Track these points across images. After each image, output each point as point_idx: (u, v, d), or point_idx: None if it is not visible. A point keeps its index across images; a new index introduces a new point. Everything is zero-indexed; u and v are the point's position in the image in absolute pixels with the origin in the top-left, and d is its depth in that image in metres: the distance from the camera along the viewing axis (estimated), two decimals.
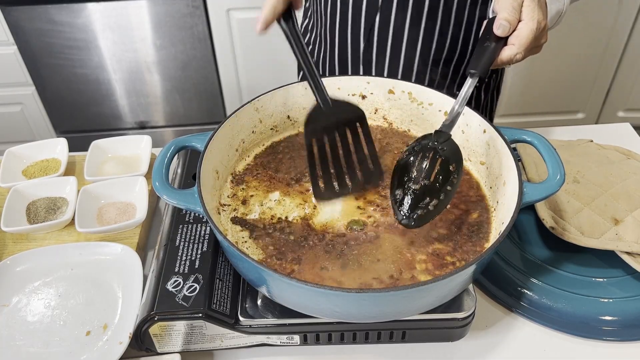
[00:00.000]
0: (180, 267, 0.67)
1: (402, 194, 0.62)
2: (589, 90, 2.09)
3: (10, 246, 0.80)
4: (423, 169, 0.62)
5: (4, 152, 0.92)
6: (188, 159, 0.85)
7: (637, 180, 0.81)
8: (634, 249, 0.71)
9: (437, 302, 0.61)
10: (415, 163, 0.63)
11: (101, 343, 0.66)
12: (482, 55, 0.63)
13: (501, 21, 0.63)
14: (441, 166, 0.62)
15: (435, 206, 0.62)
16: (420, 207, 0.61)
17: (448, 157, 0.63)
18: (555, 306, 0.71)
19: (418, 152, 0.63)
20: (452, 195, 0.62)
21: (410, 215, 0.61)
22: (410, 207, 0.61)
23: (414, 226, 0.61)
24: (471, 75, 0.63)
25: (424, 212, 0.61)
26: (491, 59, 0.63)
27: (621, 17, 1.88)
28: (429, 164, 0.62)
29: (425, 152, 0.63)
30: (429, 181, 0.62)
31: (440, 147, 0.63)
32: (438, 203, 0.62)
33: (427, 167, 0.62)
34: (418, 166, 0.62)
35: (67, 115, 2.06)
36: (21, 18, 1.78)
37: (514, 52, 0.63)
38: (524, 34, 0.63)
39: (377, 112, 0.82)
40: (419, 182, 0.62)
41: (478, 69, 0.63)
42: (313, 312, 0.61)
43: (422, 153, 0.63)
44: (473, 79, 0.63)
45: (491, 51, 0.63)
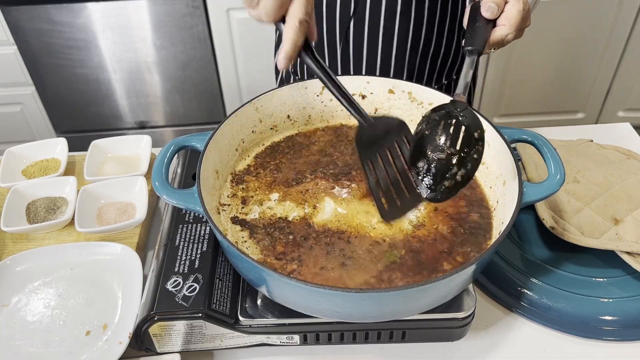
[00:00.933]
0: (180, 267, 0.67)
1: (426, 165, 0.58)
2: (589, 90, 2.09)
3: (10, 246, 0.80)
4: (448, 137, 0.58)
5: (3, 152, 0.92)
6: (188, 159, 0.85)
7: (637, 180, 0.81)
8: (634, 249, 0.71)
9: (437, 302, 0.61)
10: (437, 132, 0.59)
11: (101, 343, 0.66)
12: (476, 34, 0.64)
13: (489, 4, 0.63)
14: (465, 133, 0.59)
15: (462, 176, 0.58)
16: (448, 177, 0.57)
17: (470, 124, 0.59)
18: (555, 306, 0.71)
19: (439, 122, 0.60)
20: (478, 164, 0.58)
21: (437, 187, 0.57)
22: (436, 178, 0.58)
23: (441, 199, 0.58)
24: (470, 52, 0.63)
25: (451, 183, 0.57)
26: (485, 36, 0.64)
27: (621, 17, 1.88)
28: (453, 131, 0.59)
29: (447, 119, 0.60)
30: (455, 149, 0.58)
31: (461, 115, 0.60)
32: (465, 173, 0.58)
33: (452, 135, 0.58)
34: (441, 135, 0.59)
35: (67, 115, 2.06)
36: (21, 18, 1.78)
37: (506, 32, 0.64)
38: (513, 15, 0.64)
39: (377, 112, 0.82)
40: (444, 151, 0.58)
41: (476, 45, 0.63)
42: (313, 312, 0.61)
43: (444, 121, 0.59)
44: (472, 56, 0.63)
45: (483, 30, 0.64)
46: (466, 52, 0.63)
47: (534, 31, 1.90)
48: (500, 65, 2.00)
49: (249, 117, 0.76)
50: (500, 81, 2.05)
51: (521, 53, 1.96)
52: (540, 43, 1.94)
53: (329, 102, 0.81)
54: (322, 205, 0.70)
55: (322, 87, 0.79)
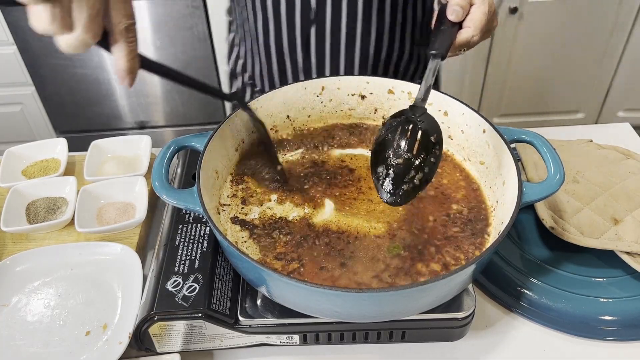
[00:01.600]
0: (179, 267, 0.67)
1: (385, 170, 0.60)
2: (589, 90, 2.09)
3: (9, 246, 0.80)
4: (405, 143, 0.60)
5: (3, 152, 0.92)
6: (188, 159, 0.85)
7: (637, 180, 0.81)
8: (633, 249, 0.71)
9: (436, 302, 0.61)
10: (396, 138, 0.61)
11: (101, 343, 0.66)
12: (441, 37, 0.65)
13: (454, 7, 0.64)
14: (422, 138, 0.60)
15: (420, 180, 0.59)
16: (405, 182, 0.59)
17: (428, 129, 0.61)
18: (554, 306, 0.71)
19: (397, 127, 0.61)
20: (436, 168, 0.60)
21: (396, 192, 0.59)
22: (394, 183, 0.59)
23: (400, 203, 0.59)
24: (434, 56, 0.64)
25: (409, 187, 0.59)
26: (449, 40, 0.65)
27: (621, 17, 1.88)
28: (410, 137, 0.60)
29: (405, 125, 0.61)
30: (412, 154, 0.60)
31: (418, 119, 0.61)
32: (423, 176, 0.59)
33: (409, 140, 0.60)
34: (399, 140, 0.60)
35: (67, 115, 2.06)
36: (21, 18, 1.78)
37: (471, 34, 0.65)
38: (478, 17, 0.65)
39: (377, 112, 0.82)
40: (401, 156, 0.59)
41: (439, 49, 0.64)
42: (313, 312, 0.61)
43: (401, 127, 0.61)
44: (435, 59, 0.64)
45: (448, 33, 0.65)
46: (430, 56, 0.64)
47: (534, 31, 1.90)
48: (500, 65, 2.00)
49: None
50: (500, 81, 2.05)
51: (521, 53, 1.96)
52: (540, 43, 1.94)
53: (328, 103, 0.81)
54: (321, 206, 0.70)
55: (321, 87, 0.79)
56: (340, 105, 0.82)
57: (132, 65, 0.52)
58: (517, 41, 1.93)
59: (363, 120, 0.83)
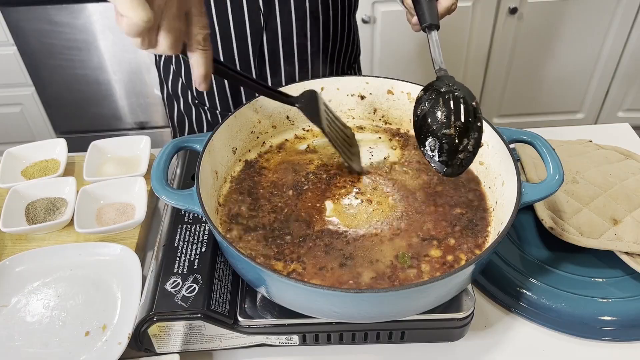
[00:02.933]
0: (179, 267, 0.67)
1: (437, 143, 0.60)
2: (589, 90, 2.10)
3: (9, 247, 0.80)
4: (451, 113, 0.61)
5: (3, 153, 0.92)
6: (187, 160, 0.85)
7: (636, 180, 0.81)
8: (633, 249, 0.71)
9: (436, 302, 0.61)
10: (440, 109, 0.61)
11: (100, 343, 0.66)
12: (427, 9, 0.68)
13: None
14: (465, 105, 0.61)
15: (473, 146, 0.60)
16: (461, 150, 0.60)
17: (466, 95, 0.62)
18: (554, 306, 0.71)
19: (437, 100, 0.62)
20: (482, 131, 0.61)
21: (453, 162, 0.60)
22: (450, 154, 0.60)
23: (459, 172, 0.60)
24: (429, 28, 0.67)
25: (465, 155, 0.60)
26: (435, 9, 0.68)
27: (621, 17, 1.88)
28: (454, 106, 0.61)
29: (445, 96, 0.62)
30: (461, 122, 0.60)
31: (455, 88, 0.62)
32: (475, 142, 0.60)
33: (454, 109, 0.61)
34: (444, 111, 0.61)
35: (66, 116, 2.06)
36: (21, 19, 1.78)
37: (450, 2, 0.70)
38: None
39: (376, 112, 0.82)
40: (451, 126, 0.60)
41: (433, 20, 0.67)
42: (312, 313, 0.61)
43: (442, 99, 0.62)
44: (432, 31, 0.66)
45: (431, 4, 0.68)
46: (425, 29, 0.66)
47: (534, 31, 1.90)
48: (500, 66, 2.00)
49: (248, 118, 0.76)
50: (500, 81, 2.05)
51: (521, 53, 1.96)
52: (540, 43, 1.94)
53: (328, 103, 0.81)
54: (321, 206, 0.70)
55: (321, 87, 0.79)
56: (340, 105, 0.82)
57: (208, 71, 0.56)
58: (517, 41, 1.93)
59: (363, 120, 0.83)
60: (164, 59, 1.01)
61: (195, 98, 1.00)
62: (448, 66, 0.65)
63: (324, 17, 0.89)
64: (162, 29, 0.50)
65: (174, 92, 1.03)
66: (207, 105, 0.99)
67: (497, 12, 1.85)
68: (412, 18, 0.75)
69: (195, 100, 1.00)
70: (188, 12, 0.53)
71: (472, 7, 1.82)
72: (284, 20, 0.87)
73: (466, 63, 1.97)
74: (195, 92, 0.99)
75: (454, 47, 1.92)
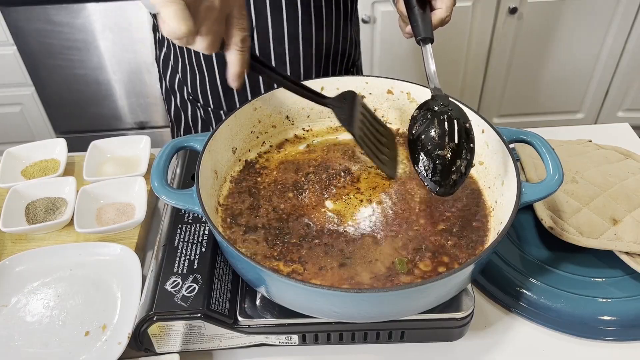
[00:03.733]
0: (179, 267, 0.67)
1: (430, 163, 0.62)
2: (588, 90, 2.10)
3: (9, 246, 0.80)
4: (445, 133, 0.62)
5: (3, 153, 0.92)
6: (187, 159, 0.85)
7: (636, 180, 0.81)
8: (632, 249, 0.71)
9: (435, 302, 0.61)
10: (433, 129, 0.62)
11: (100, 343, 0.66)
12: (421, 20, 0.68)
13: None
14: (459, 126, 0.62)
15: (465, 167, 0.61)
16: (454, 171, 0.61)
17: (460, 117, 0.63)
18: (554, 306, 0.71)
19: (432, 120, 0.63)
20: (474, 152, 0.62)
21: (446, 182, 0.61)
22: (442, 174, 0.61)
23: (450, 193, 0.61)
24: (424, 41, 0.67)
25: (457, 176, 0.61)
26: (429, 22, 0.69)
27: (620, 17, 1.88)
28: (448, 126, 0.62)
29: (439, 117, 0.63)
30: (455, 143, 0.61)
31: (449, 109, 0.63)
32: (467, 163, 0.61)
33: (448, 130, 0.62)
34: (438, 132, 0.62)
35: (66, 116, 2.06)
36: (20, 19, 1.78)
37: (444, 14, 0.70)
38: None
39: (376, 112, 0.82)
40: (444, 147, 0.61)
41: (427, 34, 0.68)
42: (312, 312, 0.61)
43: (437, 119, 0.63)
44: (427, 44, 0.67)
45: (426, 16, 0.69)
46: (419, 42, 0.67)
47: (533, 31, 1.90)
48: (500, 66, 2.00)
49: (248, 117, 0.76)
50: (500, 81, 2.05)
51: (521, 53, 1.96)
52: (540, 43, 1.95)
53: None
54: (321, 206, 0.70)
55: (321, 88, 0.79)
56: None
57: (242, 71, 0.58)
58: (516, 41, 1.93)
59: None
60: (163, 54, 1.02)
61: (190, 94, 1.00)
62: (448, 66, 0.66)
63: (317, 19, 0.89)
64: (201, 32, 0.52)
65: (171, 87, 1.03)
66: (200, 103, 1.00)
67: (497, 12, 1.85)
68: (404, 26, 0.75)
69: (190, 96, 1.01)
70: (229, 14, 0.54)
71: (472, 7, 1.82)
72: (274, 26, 0.86)
73: (466, 63, 1.97)
74: (190, 89, 0.99)
75: (454, 47, 1.92)
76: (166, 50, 1.00)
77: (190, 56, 0.94)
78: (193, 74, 0.96)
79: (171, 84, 1.03)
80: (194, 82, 0.97)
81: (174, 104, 1.05)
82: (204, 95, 0.98)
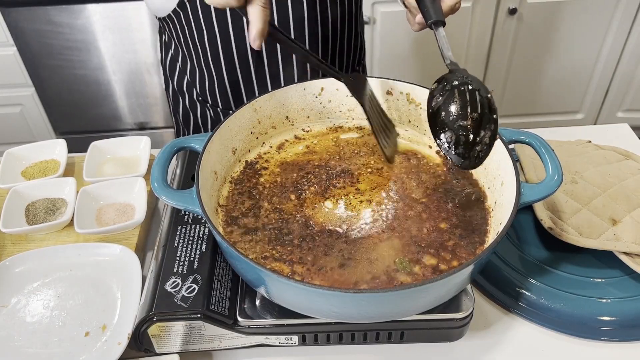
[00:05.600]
0: (178, 267, 0.67)
1: (453, 135, 0.59)
2: (588, 91, 2.10)
3: (9, 247, 0.80)
4: (466, 104, 0.60)
5: (3, 153, 0.92)
6: (187, 160, 0.85)
7: (636, 180, 0.81)
8: (632, 250, 0.71)
9: (435, 302, 0.61)
10: (455, 102, 0.60)
11: (100, 344, 0.66)
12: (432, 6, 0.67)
13: None
14: (481, 97, 0.60)
15: (489, 138, 0.59)
16: (478, 142, 0.59)
17: (480, 88, 0.61)
18: (553, 306, 0.71)
19: (452, 92, 0.61)
20: (497, 122, 0.61)
21: (470, 154, 0.59)
22: (467, 146, 0.59)
23: (476, 165, 0.60)
24: (435, 24, 0.66)
25: (482, 148, 0.59)
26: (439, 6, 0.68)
27: (620, 18, 1.88)
28: (470, 97, 0.60)
29: (460, 88, 0.61)
30: (478, 114, 0.59)
31: (469, 81, 0.62)
32: (491, 134, 0.60)
33: (470, 101, 0.60)
34: (459, 104, 0.60)
35: (66, 117, 2.06)
36: (21, 19, 1.78)
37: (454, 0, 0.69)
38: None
39: None
40: (467, 118, 0.59)
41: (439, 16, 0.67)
42: (311, 313, 0.61)
43: (457, 91, 0.61)
44: (439, 27, 0.66)
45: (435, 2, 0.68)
46: (431, 26, 0.66)
47: (533, 32, 1.90)
48: (499, 66, 2.00)
49: (248, 118, 0.76)
50: (500, 82, 2.05)
51: (521, 53, 1.96)
52: (540, 43, 1.95)
53: (327, 104, 0.81)
54: (321, 206, 0.70)
55: (320, 88, 0.80)
56: (340, 106, 0.82)
57: (264, 28, 0.60)
58: (516, 41, 1.93)
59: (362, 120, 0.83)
60: (170, 56, 1.03)
61: (199, 95, 1.01)
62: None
63: (323, 17, 0.89)
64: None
65: (179, 89, 1.04)
66: (209, 103, 1.00)
67: (497, 13, 1.85)
68: (412, 18, 0.75)
69: (199, 97, 1.01)
70: None
71: (471, 7, 1.82)
72: (281, 19, 0.87)
73: (466, 63, 1.97)
74: (199, 89, 1.00)
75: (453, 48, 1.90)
76: (173, 53, 1.01)
77: (199, 57, 0.94)
78: (202, 75, 0.97)
79: (179, 86, 1.04)
80: (202, 83, 0.98)
81: (182, 105, 1.06)
82: (213, 95, 0.98)
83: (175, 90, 1.06)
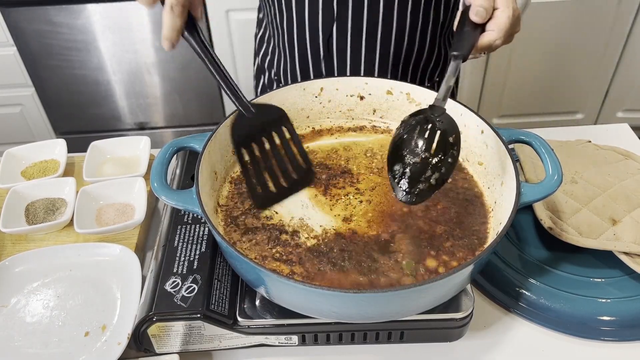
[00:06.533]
0: (178, 267, 0.67)
1: (401, 169, 0.60)
2: (588, 91, 2.10)
3: (9, 247, 0.80)
4: (422, 142, 0.60)
5: (3, 153, 0.92)
6: (187, 160, 0.85)
7: (635, 180, 0.81)
8: (631, 249, 0.72)
9: (435, 302, 0.61)
10: (413, 137, 0.61)
11: (100, 344, 0.66)
12: (463, 39, 0.64)
13: (478, 8, 0.63)
14: (440, 138, 0.60)
15: (436, 180, 0.59)
16: (422, 181, 0.59)
17: (446, 129, 0.61)
18: (553, 306, 0.71)
19: (415, 126, 0.61)
20: (452, 169, 0.60)
21: (411, 190, 0.59)
22: (410, 182, 0.59)
23: (415, 202, 0.60)
24: (455, 57, 0.63)
25: (425, 187, 0.59)
26: (472, 41, 0.64)
27: (620, 17, 1.88)
28: (428, 136, 0.60)
29: (423, 125, 0.61)
30: (430, 153, 0.60)
31: (437, 119, 0.61)
32: (439, 176, 0.60)
33: (427, 139, 0.60)
34: (416, 139, 0.60)
35: (66, 116, 2.07)
36: (21, 19, 1.78)
37: (494, 37, 0.64)
38: (502, 20, 0.64)
39: (375, 113, 0.82)
40: (418, 155, 0.60)
41: (461, 51, 0.63)
42: (311, 313, 0.61)
43: (420, 126, 0.61)
44: (457, 60, 0.63)
45: (471, 35, 0.64)
46: (451, 57, 0.63)
47: (533, 32, 1.90)
48: (500, 66, 2.00)
49: None
50: (500, 82, 2.05)
51: (521, 54, 1.96)
52: (540, 44, 1.95)
53: (327, 104, 0.81)
54: (320, 207, 0.70)
55: (320, 88, 0.79)
56: (339, 106, 0.82)
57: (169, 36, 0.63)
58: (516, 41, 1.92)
59: (362, 120, 0.83)
60: (260, 33, 1.06)
61: (275, 74, 1.04)
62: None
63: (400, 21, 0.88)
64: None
65: (262, 66, 1.08)
66: (282, 84, 1.03)
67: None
68: None
69: (275, 76, 1.05)
70: None
71: None
72: (355, 14, 0.87)
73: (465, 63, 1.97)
74: (275, 69, 1.03)
75: None
76: (262, 31, 1.05)
77: (278, 39, 0.97)
78: (279, 56, 1.00)
79: (262, 63, 1.08)
80: (278, 63, 1.01)
81: (262, 82, 1.10)
82: (285, 77, 1.01)
83: (259, 66, 1.10)
